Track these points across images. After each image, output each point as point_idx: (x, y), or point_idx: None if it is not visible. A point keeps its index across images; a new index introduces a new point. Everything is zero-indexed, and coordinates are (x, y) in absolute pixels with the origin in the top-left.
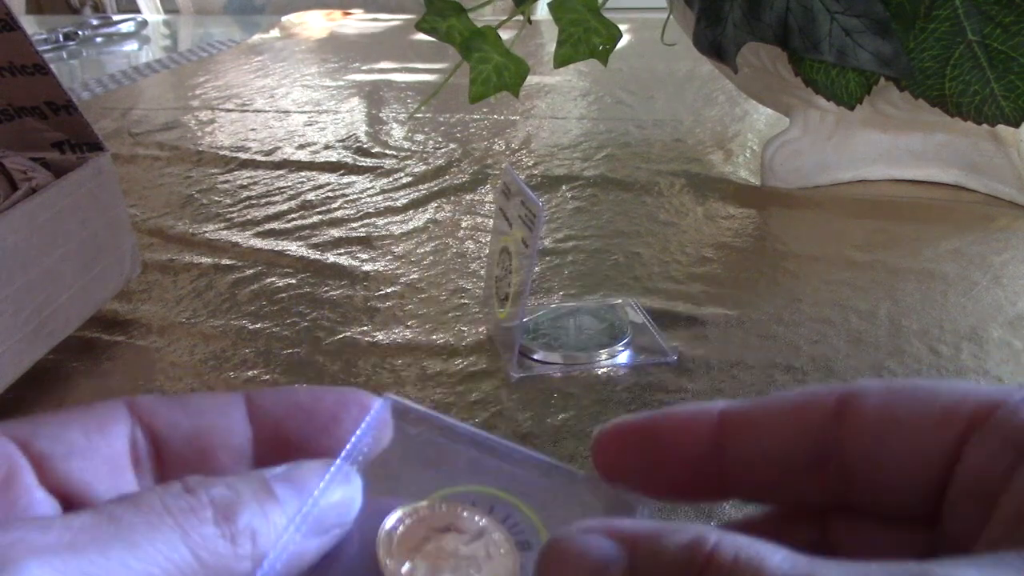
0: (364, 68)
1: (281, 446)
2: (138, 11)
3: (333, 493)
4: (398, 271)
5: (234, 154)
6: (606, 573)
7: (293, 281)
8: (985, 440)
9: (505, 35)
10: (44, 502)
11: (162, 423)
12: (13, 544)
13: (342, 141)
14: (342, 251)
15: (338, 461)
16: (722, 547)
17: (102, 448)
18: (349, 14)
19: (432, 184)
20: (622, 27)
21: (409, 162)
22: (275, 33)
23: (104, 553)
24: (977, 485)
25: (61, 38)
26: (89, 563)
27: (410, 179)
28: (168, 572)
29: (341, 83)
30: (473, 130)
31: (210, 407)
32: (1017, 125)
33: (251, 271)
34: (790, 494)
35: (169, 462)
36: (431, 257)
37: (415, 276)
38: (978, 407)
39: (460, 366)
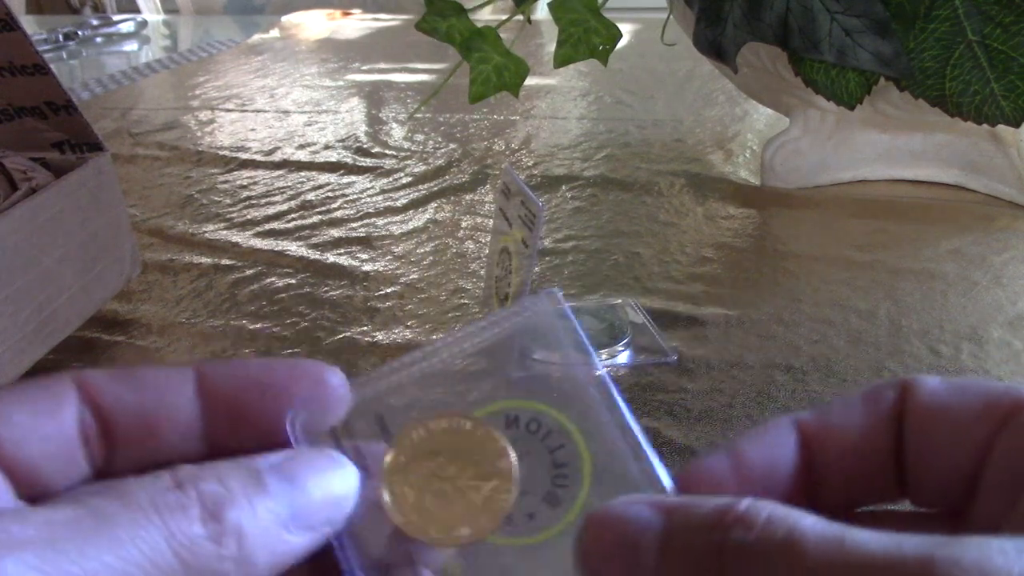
0: (364, 68)
1: (232, 421)
2: (138, 11)
3: (328, 488)
4: (398, 271)
5: (234, 154)
6: (643, 536)
7: (293, 281)
8: (1015, 433)
9: (505, 35)
10: None
11: (109, 401)
12: None
13: (342, 141)
14: (342, 251)
15: (334, 453)
16: (753, 509)
17: (51, 430)
18: (349, 14)
19: (432, 184)
20: (622, 27)
21: (409, 162)
22: (275, 33)
23: (84, 551)
24: (1004, 476)
25: (61, 38)
26: (69, 561)
27: (410, 179)
28: (147, 572)
29: (341, 83)
30: (473, 130)
31: (158, 383)
32: (1017, 125)
33: (251, 271)
34: (871, 490)
35: (118, 440)
36: (431, 257)
37: (415, 276)
38: (1015, 402)
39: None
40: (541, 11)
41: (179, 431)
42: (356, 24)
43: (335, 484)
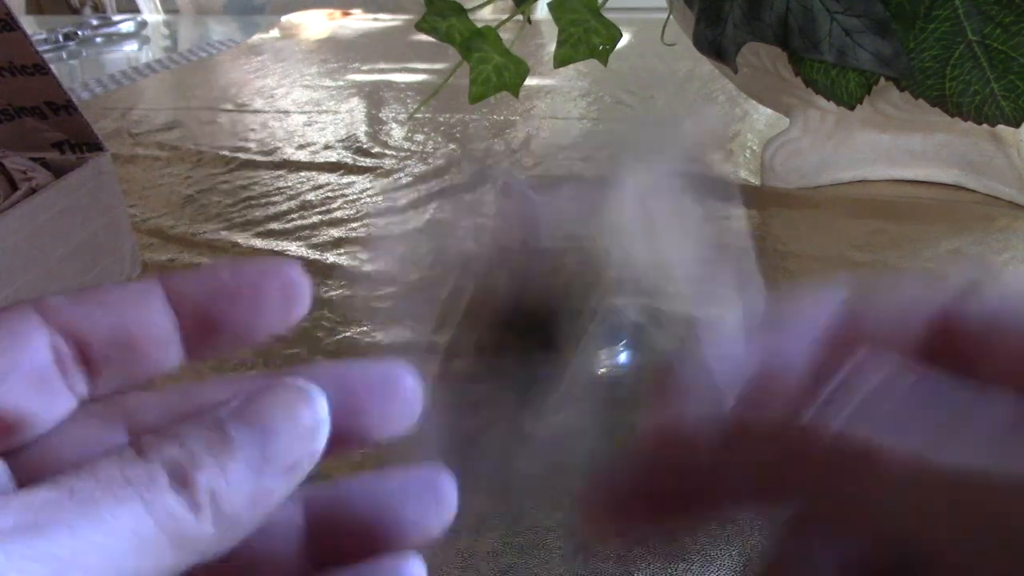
0: (364, 68)
1: (207, 328)
2: (138, 11)
3: (297, 425)
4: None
5: (234, 154)
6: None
7: None
8: None
9: (505, 35)
10: None
11: (80, 324)
12: None
13: (342, 141)
14: (342, 251)
15: (298, 382)
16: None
17: (23, 365)
18: (349, 14)
19: (432, 184)
20: (622, 27)
21: (409, 162)
22: (275, 33)
23: (71, 532)
24: None
25: (61, 38)
26: (57, 545)
27: (410, 179)
28: (135, 545)
29: (341, 83)
30: (473, 130)
31: (127, 299)
32: (1017, 125)
33: None
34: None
35: (97, 363)
36: (431, 257)
37: (415, 276)
38: None
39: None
40: (541, 11)
41: (158, 344)
42: (356, 24)
43: (304, 417)
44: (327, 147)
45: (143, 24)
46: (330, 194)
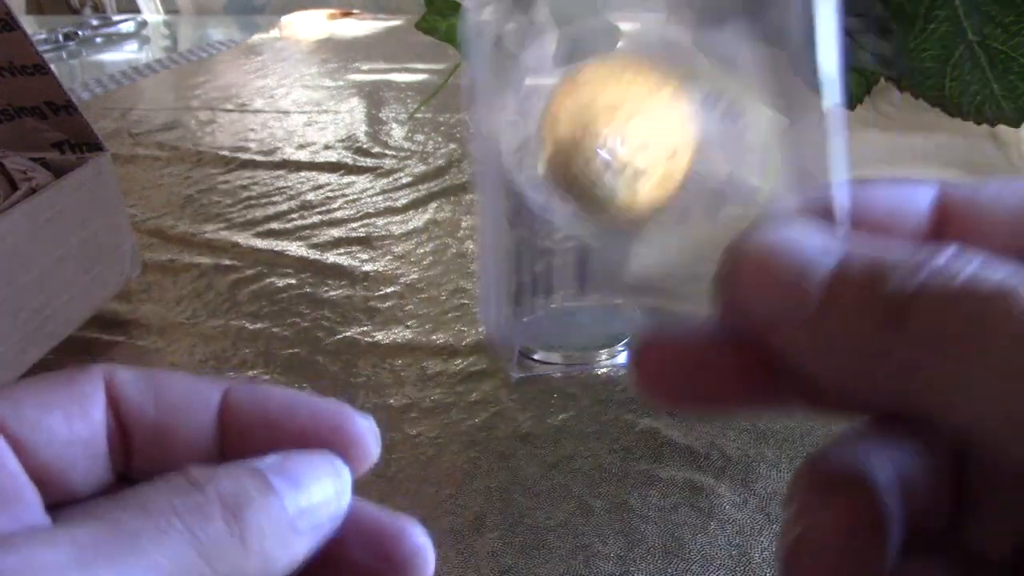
0: (364, 68)
1: (246, 448)
2: (138, 11)
3: (326, 487)
4: (398, 271)
5: (234, 154)
6: (812, 265)
7: (293, 281)
8: None
9: None
10: (28, 489)
11: (132, 408)
12: (21, 568)
13: (342, 141)
14: (342, 251)
15: (324, 453)
16: (961, 255)
17: (82, 435)
18: (349, 14)
19: (432, 184)
20: None
21: (409, 162)
22: (275, 33)
23: (113, 567)
24: None
25: (61, 38)
26: None
27: (410, 179)
28: None
29: (341, 83)
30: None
31: (184, 397)
32: (1017, 125)
33: (251, 271)
34: None
35: (134, 448)
36: (431, 257)
37: (415, 276)
38: None
39: (460, 366)
40: None
41: (193, 449)
42: (356, 24)
43: (332, 482)
44: (327, 147)
45: (143, 24)
46: (330, 194)
